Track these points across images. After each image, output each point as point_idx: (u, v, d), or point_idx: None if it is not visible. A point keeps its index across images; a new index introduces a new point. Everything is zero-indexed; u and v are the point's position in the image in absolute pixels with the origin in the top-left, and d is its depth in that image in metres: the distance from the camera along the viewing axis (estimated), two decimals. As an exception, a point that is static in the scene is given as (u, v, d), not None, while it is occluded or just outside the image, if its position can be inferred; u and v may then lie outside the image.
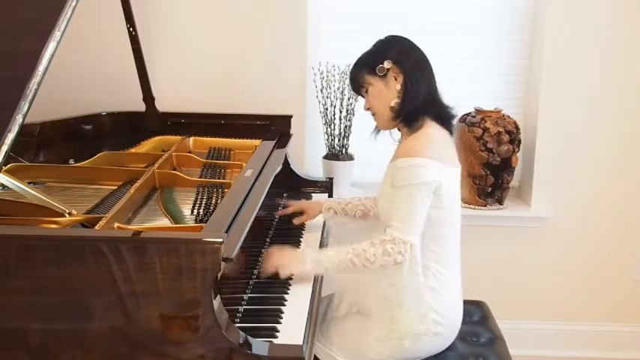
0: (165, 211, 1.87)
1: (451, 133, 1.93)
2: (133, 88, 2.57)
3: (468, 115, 2.75)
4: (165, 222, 1.80)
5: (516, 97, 2.88)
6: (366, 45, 2.80)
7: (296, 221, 2.16)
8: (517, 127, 2.73)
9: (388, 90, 1.89)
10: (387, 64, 1.88)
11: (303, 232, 2.17)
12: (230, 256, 1.42)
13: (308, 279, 1.81)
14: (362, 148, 2.84)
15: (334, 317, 1.95)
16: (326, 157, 2.80)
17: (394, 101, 1.88)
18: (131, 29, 2.47)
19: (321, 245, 2.10)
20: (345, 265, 1.79)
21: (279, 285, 1.77)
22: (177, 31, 2.72)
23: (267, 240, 2.06)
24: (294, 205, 2.19)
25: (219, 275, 1.39)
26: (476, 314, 2.17)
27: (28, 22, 1.64)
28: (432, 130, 1.87)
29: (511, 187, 2.85)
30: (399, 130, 1.97)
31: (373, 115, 1.97)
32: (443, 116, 1.91)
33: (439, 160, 1.80)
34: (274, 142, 2.39)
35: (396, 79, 1.88)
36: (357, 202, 2.16)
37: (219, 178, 2.12)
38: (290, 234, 2.13)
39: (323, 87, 2.71)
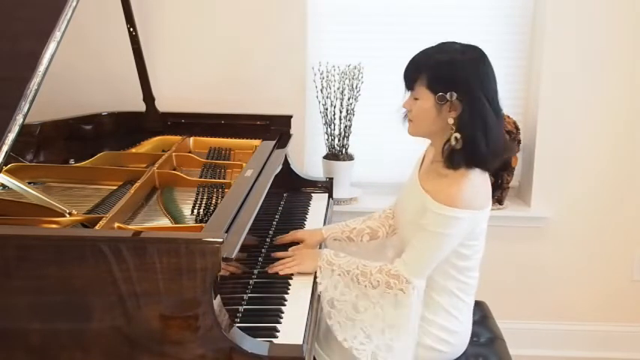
0: (166, 211, 1.87)
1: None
2: (133, 88, 2.57)
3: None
4: (165, 222, 1.80)
5: (516, 97, 2.88)
6: (365, 46, 2.79)
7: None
8: (517, 127, 2.73)
9: (437, 115, 1.73)
10: (449, 96, 1.70)
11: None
12: (230, 256, 1.42)
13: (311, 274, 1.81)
14: (362, 148, 2.85)
15: None
16: (326, 157, 2.80)
17: (454, 135, 1.70)
18: (131, 29, 2.47)
19: None
20: (349, 278, 1.77)
21: (279, 285, 1.77)
22: (177, 31, 2.72)
23: (267, 240, 2.06)
24: (292, 235, 2.03)
25: (219, 275, 1.39)
26: (476, 314, 2.16)
27: (28, 22, 1.64)
28: (474, 174, 1.74)
29: (511, 187, 2.85)
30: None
31: (410, 119, 1.81)
32: (492, 167, 1.78)
33: (477, 208, 1.74)
34: (274, 142, 2.39)
35: (450, 110, 1.71)
36: (361, 227, 2.04)
37: (219, 178, 2.12)
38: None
39: (323, 87, 2.71)
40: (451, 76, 1.71)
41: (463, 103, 1.71)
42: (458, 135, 1.71)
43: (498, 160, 1.81)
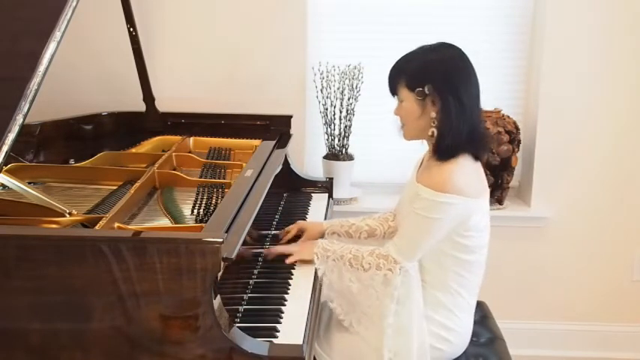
0: (166, 211, 1.87)
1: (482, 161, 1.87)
2: (133, 88, 2.57)
3: (467, 115, 2.75)
4: (165, 222, 1.80)
5: (516, 97, 2.88)
6: (366, 46, 2.79)
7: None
8: (517, 127, 2.73)
9: (422, 112, 1.79)
10: (427, 90, 1.77)
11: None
12: (230, 256, 1.42)
13: (310, 260, 1.86)
14: (362, 148, 2.85)
15: (337, 324, 1.92)
16: (326, 157, 2.80)
17: (431, 130, 1.79)
18: (131, 29, 2.47)
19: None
20: (342, 264, 1.83)
21: (279, 285, 1.78)
22: (178, 31, 2.72)
23: (267, 240, 2.06)
24: (294, 227, 2.08)
25: (219, 275, 1.39)
26: (476, 314, 2.16)
27: (28, 22, 1.64)
28: (464, 161, 1.79)
29: (511, 187, 2.85)
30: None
31: (401, 125, 1.88)
32: (480, 153, 1.83)
33: (468, 195, 1.75)
34: (274, 142, 2.39)
35: (433, 104, 1.77)
36: (360, 224, 2.09)
37: (219, 178, 2.12)
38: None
39: (323, 87, 2.71)
40: (426, 71, 1.79)
41: (442, 97, 1.76)
42: (435, 130, 1.79)
43: (484, 149, 1.87)
